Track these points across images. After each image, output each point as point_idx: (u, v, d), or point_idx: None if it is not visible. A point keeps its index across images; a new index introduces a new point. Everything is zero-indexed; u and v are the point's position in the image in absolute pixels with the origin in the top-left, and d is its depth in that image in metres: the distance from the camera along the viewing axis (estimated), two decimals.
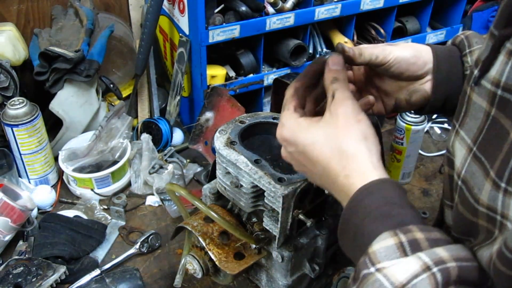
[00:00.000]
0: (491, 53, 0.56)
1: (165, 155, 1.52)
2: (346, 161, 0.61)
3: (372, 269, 0.52)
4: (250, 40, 1.54)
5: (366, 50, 0.75)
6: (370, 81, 0.82)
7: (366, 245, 0.54)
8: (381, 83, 0.81)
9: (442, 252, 0.51)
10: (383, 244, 0.53)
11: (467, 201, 0.56)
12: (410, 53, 0.76)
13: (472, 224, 0.56)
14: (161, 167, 1.43)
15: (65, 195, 1.43)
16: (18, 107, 1.30)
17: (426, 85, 0.78)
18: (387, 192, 0.58)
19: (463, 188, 0.57)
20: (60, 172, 1.47)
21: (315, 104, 0.74)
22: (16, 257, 1.17)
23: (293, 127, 0.66)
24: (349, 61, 0.73)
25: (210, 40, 1.44)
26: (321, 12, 1.56)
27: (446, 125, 1.70)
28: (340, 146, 0.62)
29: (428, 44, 0.79)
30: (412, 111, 1.39)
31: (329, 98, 0.66)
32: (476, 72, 0.58)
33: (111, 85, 1.59)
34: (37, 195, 1.35)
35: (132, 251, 1.23)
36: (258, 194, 0.86)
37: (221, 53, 1.60)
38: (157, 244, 1.26)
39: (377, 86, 0.82)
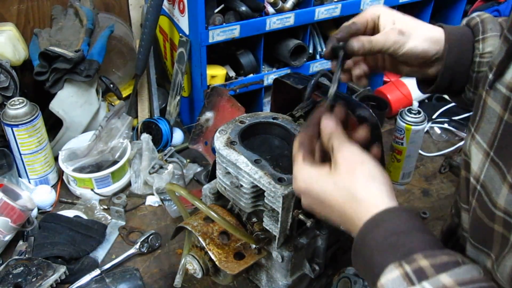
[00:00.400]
0: (506, 57, 0.55)
1: (165, 155, 1.52)
2: (357, 205, 0.62)
3: None
4: (250, 40, 1.54)
5: (377, 44, 0.76)
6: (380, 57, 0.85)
7: (376, 277, 0.56)
8: (389, 62, 0.84)
9: (446, 278, 0.51)
10: (390, 276, 0.54)
11: (486, 205, 0.56)
12: (423, 47, 0.77)
13: (488, 230, 0.57)
14: (161, 167, 1.43)
15: (65, 195, 1.43)
16: (18, 107, 1.30)
17: (433, 68, 0.79)
18: (393, 222, 0.59)
19: (481, 193, 0.57)
20: (60, 172, 1.47)
21: (323, 151, 0.75)
22: (16, 257, 1.17)
23: (305, 179, 0.68)
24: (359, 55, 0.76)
25: (210, 40, 1.44)
26: (321, 12, 1.56)
27: (446, 125, 1.70)
28: (350, 191, 0.63)
29: (442, 26, 0.79)
30: (411, 112, 1.39)
31: (331, 153, 0.69)
32: (490, 76, 0.58)
33: (111, 85, 1.59)
34: (37, 195, 1.35)
35: (132, 251, 1.23)
36: (258, 194, 0.86)
37: (221, 53, 1.60)
38: (157, 244, 1.26)
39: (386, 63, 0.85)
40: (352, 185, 0.63)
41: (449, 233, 0.72)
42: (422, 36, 0.77)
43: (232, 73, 1.61)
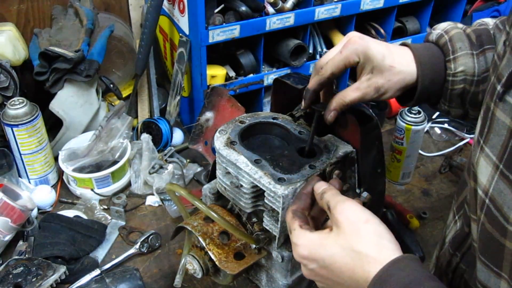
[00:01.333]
0: None
1: (165, 155, 1.52)
2: (368, 265, 0.60)
3: None
4: (250, 40, 1.54)
5: (354, 101, 0.77)
6: None
7: None
8: None
9: None
10: None
11: (497, 220, 0.55)
12: (399, 93, 0.78)
13: (500, 246, 0.55)
14: (161, 167, 1.43)
15: (65, 195, 1.43)
16: (18, 107, 1.30)
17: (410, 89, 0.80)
18: (402, 274, 0.58)
19: (490, 207, 0.56)
20: (60, 172, 1.47)
21: (317, 222, 0.75)
22: (16, 257, 1.17)
23: (307, 245, 0.66)
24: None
25: (210, 40, 1.44)
26: (321, 12, 1.56)
27: (446, 125, 1.70)
28: (358, 252, 0.61)
29: (409, 47, 0.79)
30: (412, 112, 1.40)
31: (327, 212, 0.67)
32: (499, 87, 0.56)
33: (111, 85, 1.59)
34: (37, 195, 1.35)
35: (132, 251, 1.23)
36: (258, 194, 0.86)
37: (221, 53, 1.60)
38: (157, 244, 1.26)
39: None
40: (360, 245, 0.61)
41: (459, 242, 0.71)
42: (397, 85, 0.77)
43: (232, 73, 1.61)
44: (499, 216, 0.54)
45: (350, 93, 0.77)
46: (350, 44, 0.75)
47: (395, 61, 0.76)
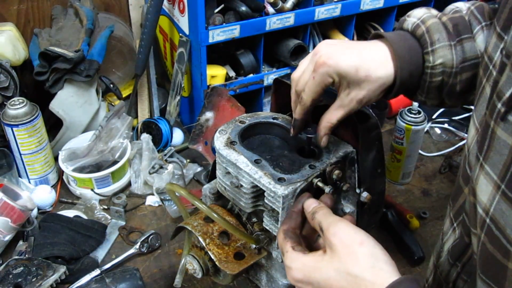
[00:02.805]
0: None
1: (165, 155, 1.52)
2: None
3: None
4: (250, 40, 1.54)
5: (334, 121, 0.76)
6: None
7: None
8: None
9: None
10: None
11: (499, 241, 0.53)
12: (380, 96, 0.75)
13: (502, 267, 0.53)
14: (161, 167, 1.43)
15: (65, 195, 1.43)
16: (18, 107, 1.30)
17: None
18: None
19: (491, 227, 0.54)
20: (60, 172, 1.47)
21: (309, 240, 0.74)
22: (16, 257, 1.17)
23: (301, 268, 0.65)
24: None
25: (210, 40, 1.44)
26: (321, 12, 1.56)
27: (446, 125, 1.70)
28: (354, 276, 0.60)
29: (384, 37, 0.75)
30: (411, 112, 1.39)
31: (320, 232, 0.66)
32: (499, 105, 0.53)
33: (111, 85, 1.59)
34: (37, 195, 1.35)
35: (132, 251, 1.23)
36: (258, 194, 0.86)
37: (221, 53, 1.60)
38: (157, 244, 1.26)
39: None
40: (355, 269, 0.59)
41: (459, 252, 0.69)
42: (378, 90, 0.74)
43: (232, 73, 1.61)
44: (501, 237, 0.52)
45: (335, 113, 0.76)
46: (320, 68, 0.72)
47: (371, 68, 0.73)
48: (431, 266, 0.80)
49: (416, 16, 0.77)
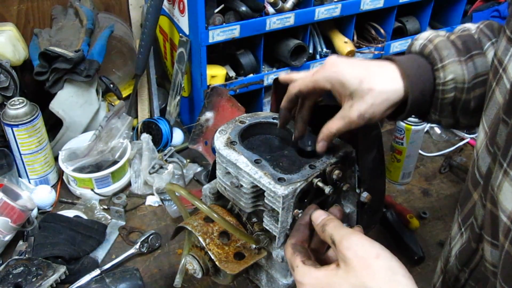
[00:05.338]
0: None
1: (165, 155, 1.52)
2: None
3: None
4: (250, 40, 1.54)
5: (334, 130, 0.75)
6: None
7: None
8: None
9: None
10: None
11: None
12: (387, 113, 0.74)
13: None
14: (161, 167, 1.43)
15: (65, 195, 1.43)
16: (18, 107, 1.30)
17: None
18: None
19: None
20: (60, 172, 1.47)
21: (318, 253, 0.72)
22: (16, 257, 1.17)
23: (314, 283, 0.62)
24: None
25: (210, 40, 1.44)
26: (321, 12, 1.56)
27: None
28: None
29: (393, 60, 0.74)
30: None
31: (331, 246, 0.64)
32: None
33: (111, 85, 1.59)
34: (37, 195, 1.35)
35: (132, 251, 1.23)
36: (258, 194, 0.86)
37: (221, 53, 1.60)
38: (157, 244, 1.26)
39: None
40: (373, 283, 0.57)
41: (467, 257, 0.67)
42: (383, 106, 0.73)
43: (232, 73, 1.61)
44: None
45: (336, 123, 0.75)
46: (323, 70, 0.72)
47: (375, 82, 0.71)
48: (438, 271, 0.78)
49: (423, 37, 0.76)
